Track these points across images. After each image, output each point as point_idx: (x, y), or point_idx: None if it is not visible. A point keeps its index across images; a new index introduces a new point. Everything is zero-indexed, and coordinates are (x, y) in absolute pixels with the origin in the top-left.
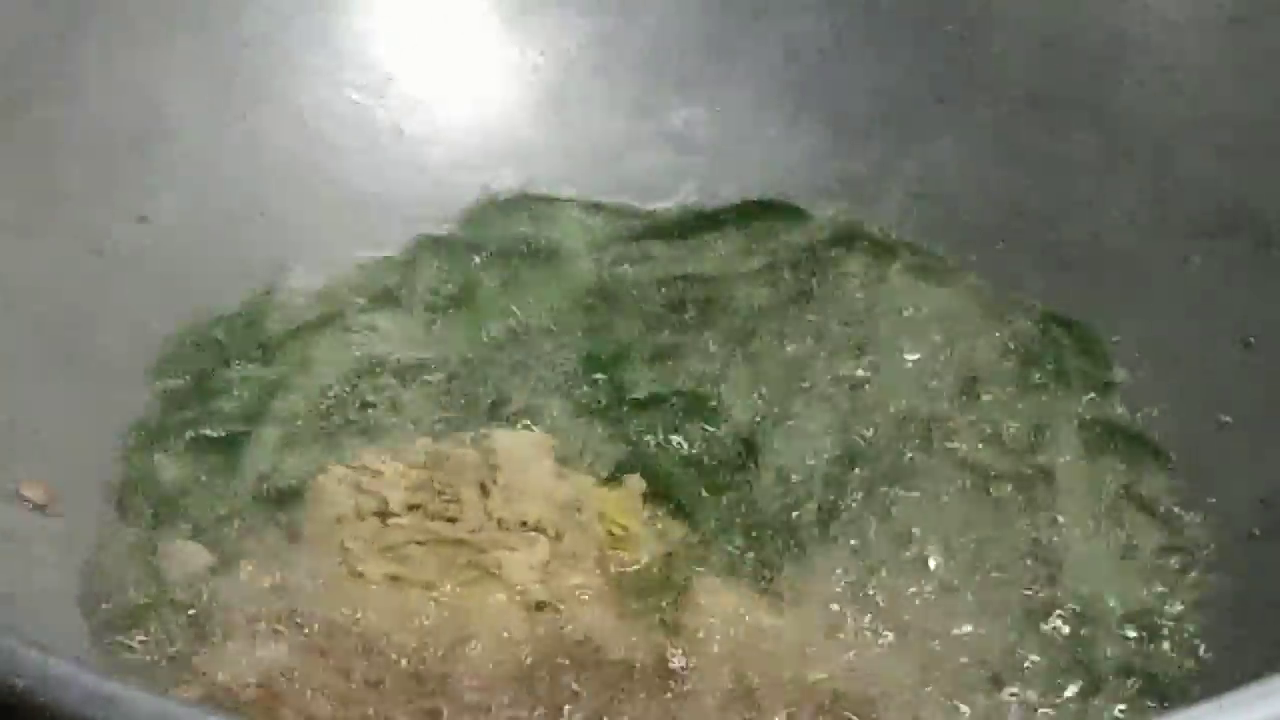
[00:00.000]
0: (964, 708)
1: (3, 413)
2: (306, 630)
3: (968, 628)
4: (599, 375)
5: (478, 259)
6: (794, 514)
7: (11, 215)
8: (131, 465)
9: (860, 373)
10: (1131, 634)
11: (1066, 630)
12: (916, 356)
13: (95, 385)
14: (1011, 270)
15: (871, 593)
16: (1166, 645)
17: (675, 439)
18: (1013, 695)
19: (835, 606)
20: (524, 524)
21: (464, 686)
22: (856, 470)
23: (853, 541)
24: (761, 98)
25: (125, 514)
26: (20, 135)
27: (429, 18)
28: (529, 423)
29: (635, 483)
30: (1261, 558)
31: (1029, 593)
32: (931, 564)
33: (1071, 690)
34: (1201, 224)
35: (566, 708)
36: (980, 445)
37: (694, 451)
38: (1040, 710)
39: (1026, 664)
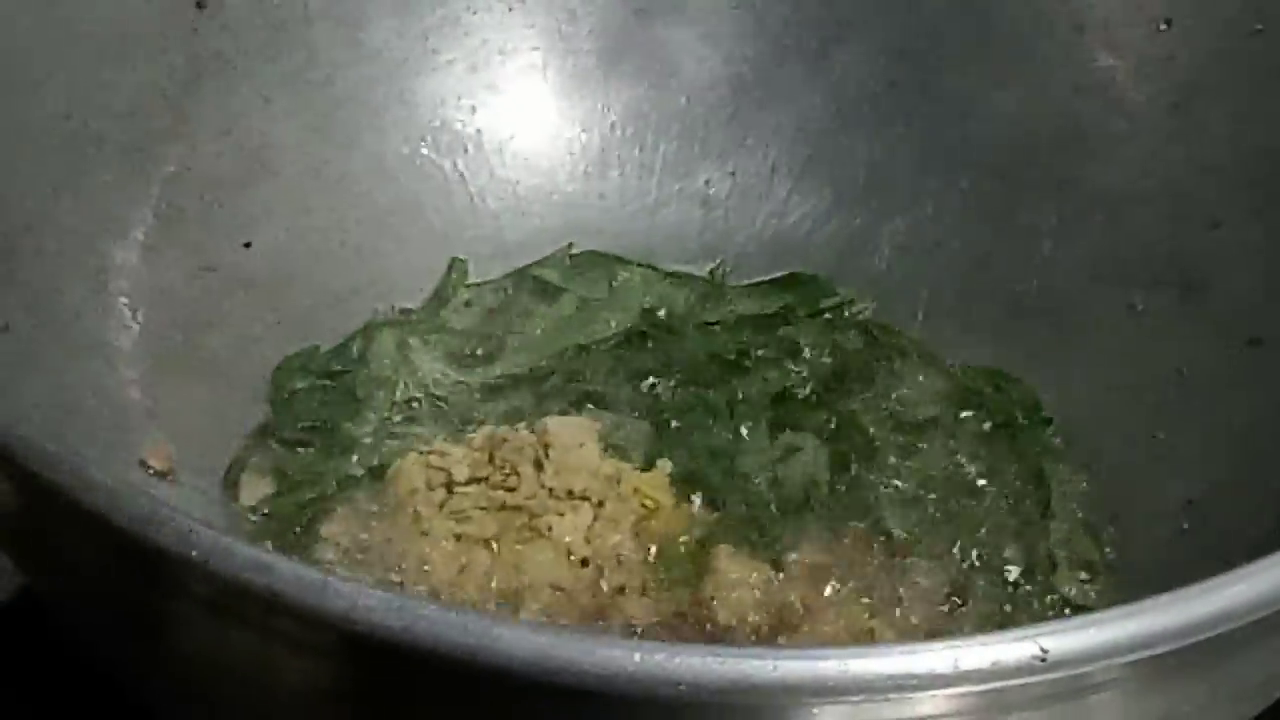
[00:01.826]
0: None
1: (145, 399)
2: (383, 579)
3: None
4: (644, 384)
5: (532, 293)
6: (794, 499)
7: (141, 235)
8: (241, 454)
9: (850, 403)
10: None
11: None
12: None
13: (209, 386)
14: (981, 313)
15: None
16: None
17: (705, 439)
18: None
19: (827, 573)
20: (571, 493)
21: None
22: (848, 473)
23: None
24: (773, 165)
25: (234, 490)
26: (148, 171)
27: (495, 87)
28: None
29: (665, 465)
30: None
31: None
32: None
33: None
34: (1141, 276)
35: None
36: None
37: (719, 447)
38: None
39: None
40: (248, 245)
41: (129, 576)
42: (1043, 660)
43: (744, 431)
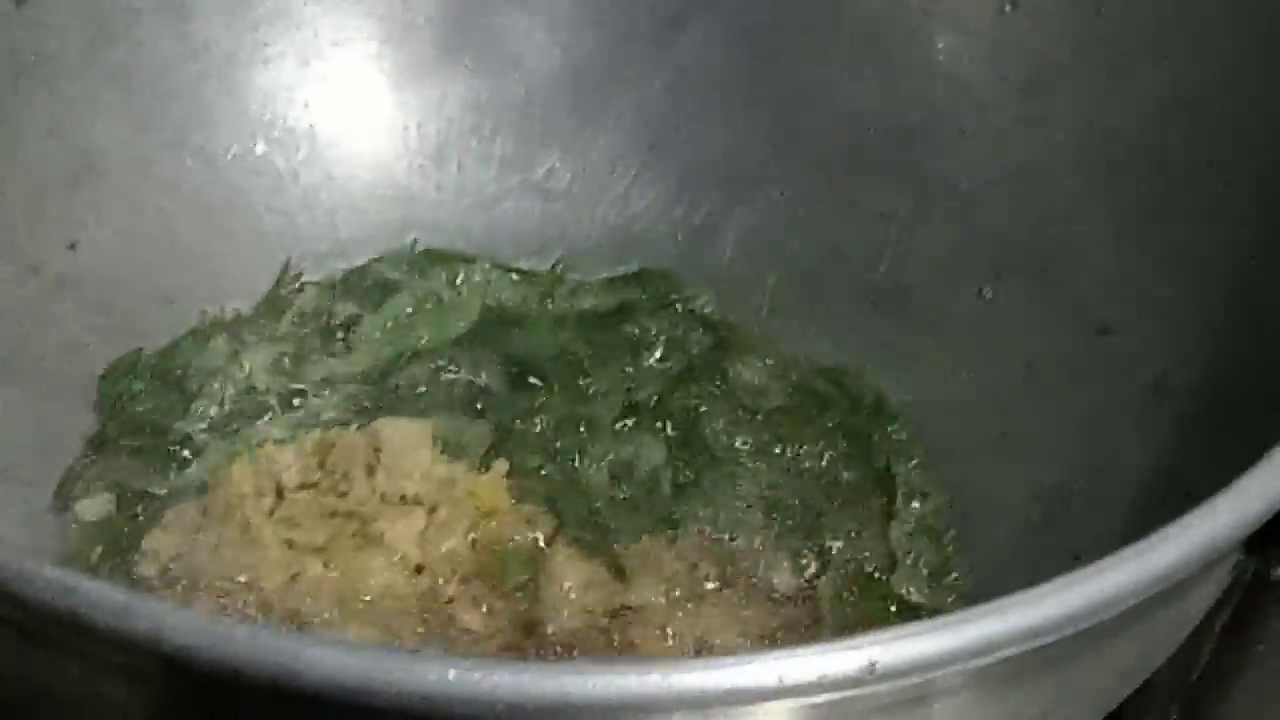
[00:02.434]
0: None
1: None
2: (208, 589)
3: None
4: (483, 383)
5: (369, 291)
6: (636, 500)
7: None
8: (74, 465)
9: (693, 401)
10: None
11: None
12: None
13: (35, 393)
14: (827, 304)
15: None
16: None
17: (544, 440)
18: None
19: (668, 575)
20: (404, 498)
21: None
22: (691, 473)
23: (681, 526)
24: (615, 155)
25: (64, 501)
26: None
27: (328, 79)
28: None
29: (501, 466)
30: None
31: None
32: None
33: None
34: (992, 264)
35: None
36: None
37: (559, 448)
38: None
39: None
40: (73, 247)
41: None
42: (872, 672)
43: (584, 431)
